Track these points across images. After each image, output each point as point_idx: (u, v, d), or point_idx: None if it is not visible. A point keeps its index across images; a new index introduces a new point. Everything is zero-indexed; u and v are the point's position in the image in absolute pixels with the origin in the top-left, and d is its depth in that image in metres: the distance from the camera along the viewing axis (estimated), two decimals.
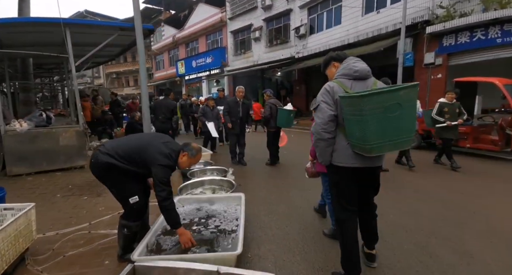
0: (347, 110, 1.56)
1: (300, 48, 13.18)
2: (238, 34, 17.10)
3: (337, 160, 1.69)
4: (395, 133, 1.46)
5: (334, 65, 1.90)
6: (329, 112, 1.64)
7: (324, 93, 1.70)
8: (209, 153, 5.17)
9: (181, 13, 22.18)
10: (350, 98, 1.51)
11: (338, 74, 1.75)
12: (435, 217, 2.83)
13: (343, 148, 1.66)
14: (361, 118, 1.45)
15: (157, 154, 1.86)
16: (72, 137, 4.36)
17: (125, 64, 31.28)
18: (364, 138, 1.47)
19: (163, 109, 4.56)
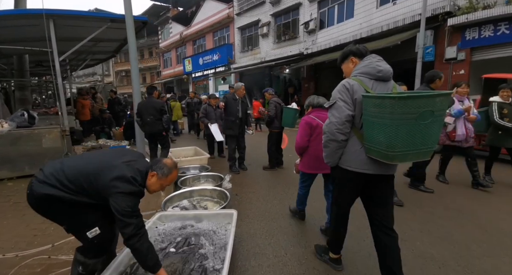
0: (372, 112, 1.40)
1: (309, 44, 12.57)
2: (246, 31, 16.65)
3: (347, 164, 1.59)
4: (422, 142, 1.34)
5: (352, 61, 1.71)
6: (347, 112, 1.51)
7: (342, 90, 1.54)
8: (206, 156, 4.73)
9: (188, 9, 21.90)
10: (380, 99, 1.34)
11: (358, 71, 1.59)
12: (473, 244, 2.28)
13: (356, 151, 1.55)
14: (390, 122, 1.31)
15: (115, 179, 1.40)
16: (57, 138, 4.02)
17: None
18: (390, 144, 1.35)
19: (150, 110, 4.08)
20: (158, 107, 4.10)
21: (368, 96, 1.42)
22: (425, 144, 1.35)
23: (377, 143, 1.41)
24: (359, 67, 1.60)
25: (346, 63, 1.75)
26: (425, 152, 1.38)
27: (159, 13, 26.26)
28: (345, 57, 1.75)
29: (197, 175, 3.79)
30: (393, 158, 1.37)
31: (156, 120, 4.10)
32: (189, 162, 4.50)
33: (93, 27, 4.33)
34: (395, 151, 1.35)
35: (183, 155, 5.42)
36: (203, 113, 5.66)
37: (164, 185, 1.65)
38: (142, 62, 30.23)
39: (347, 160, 1.58)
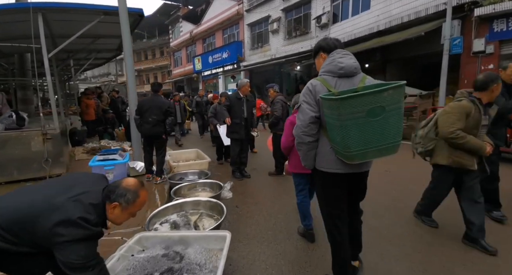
0: (327, 113, 1.40)
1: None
2: (255, 27, 16.21)
3: (321, 165, 1.58)
4: (380, 139, 1.30)
5: (322, 57, 1.67)
6: (310, 114, 1.50)
7: (306, 92, 1.54)
8: (206, 160, 4.34)
9: (198, 7, 21.70)
10: (328, 101, 1.34)
11: (322, 70, 1.56)
12: None
13: (326, 152, 1.53)
14: (340, 123, 1.30)
15: (57, 225, 1.06)
16: (48, 142, 3.75)
17: (145, 62, 31.72)
18: (345, 145, 1.34)
19: (154, 110, 3.57)
20: (164, 108, 3.65)
21: (322, 98, 1.39)
22: (385, 139, 1.31)
23: (336, 144, 1.41)
24: (324, 65, 1.56)
25: (318, 59, 1.71)
26: (386, 147, 1.33)
27: (170, 12, 26.26)
28: (315, 53, 1.72)
29: (193, 183, 3.40)
30: (352, 157, 1.36)
31: (158, 122, 3.65)
32: (187, 167, 4.13)
33: (86, 21, 4.02)
34: (351, 151, 1.32)
35: (183, 158, 5.07)
36: (212, 113, 5.20)
37: (134, 212, 1.31)
38: (154, 61, 30.48)
39: (320, 161, 1.57)
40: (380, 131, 1.28)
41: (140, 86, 32.86)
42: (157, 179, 3.78)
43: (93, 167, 3.36)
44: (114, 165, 3.41)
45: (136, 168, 3.96)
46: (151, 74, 32.19)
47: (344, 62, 1.48)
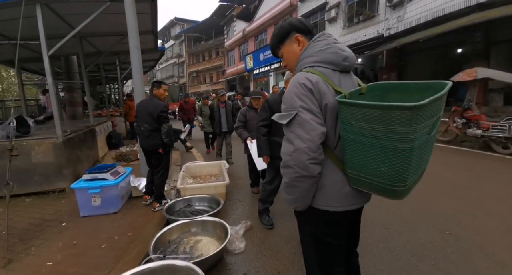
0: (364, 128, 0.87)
1: (393, 22, 9.61)
2: (310, 18, 14.62)
3: (325, 202, 1.04)
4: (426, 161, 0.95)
5: (298, 40, 1.12)
6: (320, 129, 0.95)
7: (303, 93, 0.96)
8: (224, 183, 3.28)
9: (251, 5, 21.25)
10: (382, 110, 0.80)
11: (314, 59, 1.03)
12: None
13: (336, 183, 1.02)
14: (402, 145, 0.81)
15: None
16: (48, 152, 3.33)
17: (202, 63, 33.16)
18: (400, 177, 0.85)
19: (145, 116, 2.86)
20: (156, 113, 2.83)
21: (355, 104, 0.86)
22: (427, 161, 0.97)
23: (376, 175, 0.90)
24: (313, 52, 1.04)
25: (289, 45, 1.14)
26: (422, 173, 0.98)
27: (225, 13, 26.63)
28: (283, 36, 1.14)
29: (191, 221, 2.38)
30: (403, 193, 0.90)
31: (150, 132, 2.88)
32: (198, 190, 3.16)
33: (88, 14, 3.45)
34: (406, 183, 0.86)
35: (204, 173, 4.16)
36: (241, 121, 3.60)
37: None
38: (209, 62, 31.60)
39: (325, 196, 1.03)
40: (429, 150, 0.92)
41: (197, 86, 34.69)
42: (155, 205, 2.94)
43: (75, 189, 2.70)
44: (101, 187, 2.68)
45: (139, 188, 3.21)
46: (207, 75, 33.51)
47: (346, 50, 1.04)
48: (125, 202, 3.10)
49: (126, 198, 3.18)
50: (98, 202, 2.72)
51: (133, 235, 2.38)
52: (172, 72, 39.63)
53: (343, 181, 1.02)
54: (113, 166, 2.99)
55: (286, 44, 1.15)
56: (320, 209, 1.05)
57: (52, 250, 2.31)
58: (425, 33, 7.82)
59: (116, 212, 2.83)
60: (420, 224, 2.58)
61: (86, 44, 5.33)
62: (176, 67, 38.12)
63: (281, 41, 1.16)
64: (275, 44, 1.18)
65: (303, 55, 1.07)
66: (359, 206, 1.08)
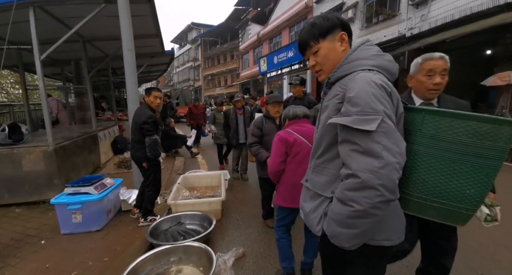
0: (459, 143, 0.78)
1: (417, 22, 8.95)
2: None
3: (385, 236, 0.86)
4: None
5: (343, 38, 0.95)
6: (404, 141, 0.79)
7: (383, 95, 0.79)
8: (218, 199, 2.96)
9: (266, 7, 21.10)
10: (488, 124, 0.74)
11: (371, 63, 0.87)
12: None
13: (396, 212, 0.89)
14: (498, 164, 0.77)
15: None
16: (39, 160, 3.19)
17: (218, 66, 33.43)
18: (481, 200, 0.81)
19: (132, 126, 2.70)
20: (139, 123, 2.60)
21: (456, 115, 0.77)
22: None
23: (455, 198, 0.81)
24: (367, 55, 0.88)
25: (331, 41, 0.95)
26: None
27: (240, 17, 26.70)
28: (329, 29, 0.94)
29: (173, 246, 2.08)
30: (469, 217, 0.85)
31: (135, 143, 2.67)
32: (190, 207, 2.87)
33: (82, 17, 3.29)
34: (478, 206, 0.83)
35: (203, 184, 3.87)
36: (256, 135, 2.67)
37: None
38: (224, 65, 31.78)
39: (388, 228, 0.86)
40: None
41: (212, 89, 34.95)
42: (140, 219, 2.70)
43: (55, 204, 2.49)
44: (82, 203, 2.46)
45: (129, 201, 2.97)
46: (222, 78, 33.70)
47: (393, 61, 0.91)
48: (112, 217, 2.87)
49: (114, 211, 2.95)
50: (79, 218, 2.50)
51: (109, 261, 2.11)
52: (188, 76, 40.31)
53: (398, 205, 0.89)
54: (99, 178, 2.77)
55: (328, 39, 0.95)
56: (373, 245, 0.86)
57: (24, 272, 2.10)
58: (452, 32, 7.15)
59: (99, 230, 2.60)
60: None
61: (92, 49, 5.28)
62: (192, 70, 38.74)
63: (323, 35, 0.95)
64: (312, 36, 0.95)
65: (353, 56, 0.90)
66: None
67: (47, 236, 2.63)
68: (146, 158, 2.63)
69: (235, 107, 4.34)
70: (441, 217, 0.86)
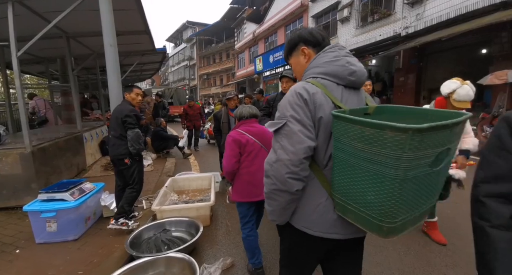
0: (355, 147, 0.78)
1: (412, 21, 8.88)
2: (321, 18, 14.14)
3: (304, 224, 0.98)
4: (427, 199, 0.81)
5: (304, 52, 1.07)
6: (307, 143, 0.88)
7: (297, 103, 0.91)
8: (207, 204, 2.80)
9: (262, 6, 20.94)
10: (374, 129, 0.71)
11: (319, 70, 0.97)
12: None
13: (319, 206, 0.95)
14: (395, 173, 0.70)
15: None
16: (16, 163, 2.98)
17: (213, 65, 33.15)
18: (389, 211, 0.74)
19: (112, 122, 2.59)
20: (120, 117, 2.51)
21: (348, 120, 0.78)
22: (433, 198, 0.83)
23: (362, 203, 0.81)
24: (320, 63, 0.98)
25: (296, 57, 1.10)
26: (425, 211, 0.84)
27: (235, 15, 26.49)
28: (292, 47, 1.10)
29: (153, 259, 1.91)
30: (390, 231, 0.77)
31: (115, 139, 2.56)
32: (177, 212, 2.69)
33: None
34: (395, 221, 0.75)
35: (193, 187, 3.70)
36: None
37: None
38: (220, 64, 31.52)
39: (305, 218, 0.97)
40: (434, 187, 0.80)
41: (208, 88, 34.67)
42: (111, 220, 2.53)
43: (28, 212, 2.30)
44: (57, 210, 2.27)
45: (110, 207, 2.79)
46: (217, 77, 33.43)
47: (355, 63, 0.95)
48: (91, 224, 2.68)
49: (95, 219, 2.76)
50: (54, 227, 2.31)
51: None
52: (184, 75, 39.93)
53: (327, 205, 0.94)
54: (77, 183, 2.58)
55: (294, 55, 1.11)
56: (298, 228, 0.99)
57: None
58: (448, 31, 7.08)
59: (76, 239, 2.41)
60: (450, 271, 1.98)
61: (77, 45, 5.05)
62: (187, 70, 38.37)
63: (289, 53, 1.13)
64: (285, 55, 1.17)
65: (310, 65, 1.02)
66: (344, 237, 0.96)
67: (23, 244, 2.43)
68: (129, 154, 2.52)
69: (227, 108, 3.71)
70: (359, 222, 0.85)
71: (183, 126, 6.97)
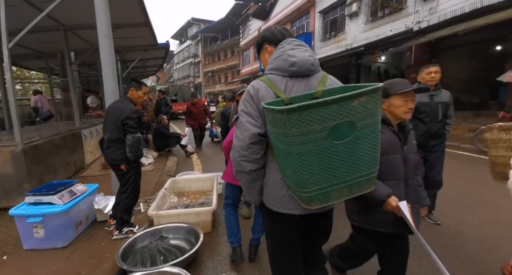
0: (272, 131, 0.95)
1: (424, 15, 8.50)
2: (329, 14, 13.73)
3: (269, 201, 1.13)
4: (350, 170, 0.88)
5: (268, 51, 1.25)
6: (252, 130, 1.04)
7: (246, 99, 1.10)
8: (208, 209, 2.58)
9: (267, 2, 20.57)
10: (271, 112, 0.88)
11: (269, 67, 1.14)
12: None
13: (275, 184, 1.09)
14: (288, 148, 0.84)
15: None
16: (7, 162, 2.80)
17: (218, 63, 32.92)
18: (299, 181, 0.88)
19: (109, 122, 2.29)
20: (120, 119, 2.23)
21: (265, 108, 0.95)
22: (357, 170, 0.89)
23: (287, 177, 0.97)
24: (271, 60, 1.13)
25: (262, 55, 1.29)
26: (359, 182, 0.91)
27: (241, 12, 26.17)
28: (259, 47, 1.29)
29: (147, 274, 1.69)
30: (310, 200, 0.91)
31: (112, 143, 2.29)
32: (175, 218, 2.48)
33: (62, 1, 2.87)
34: (308, 190, 0.88)
35: (194, 188, 3.49)
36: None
37: None
38: (225, 62, 31.26)
39: (269, 196, 1.12)
40: (349, 159, 0.86)
41: (213, 86, 34.45)
42: (114, 232, 2.34)
43: (14, 216, 2.11)
44: (43, 215, 2.08)
45: (104, 211, 2.59)
46: (222, 74, 33.20)
47: (296, 55, 1.07)
48: (83, 229, 2.48)
49: (87, 223, 2.56)
50: (41, 233, 2.11)
51: None
52: (188, 72, 39.76)
53: (282, 183, 1.06)
54: (67, 185, 2.38)
55: (261, 54, 1.29)
56: (267, 207, 1.13)
57: None
58: (464, 25, 6.70)
59: (65, 246, 2.21)
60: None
61: (76, 39, 4.87)
62: (192, 67, 38.20)
63: (258, 52, 1.31)
64: (257, 55, 1.33)
65: (268, 62, 1.15)
66: (302, 213, 1.06)
67: (11, 250, 2.25)
68: (126, 159, 2.26)
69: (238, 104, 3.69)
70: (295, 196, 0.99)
71: (187, 125, 6.64)
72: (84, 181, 3.96)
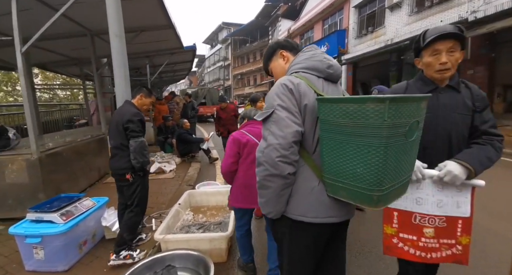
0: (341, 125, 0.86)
1: (480, 4, 7.26)
2: (366, 8, 12.72)
3: (299, 212, 1.01)
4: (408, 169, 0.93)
5: (283, 55, 1.21)
6: (295, 127, 0.95)
7: (283, 93, 0.98)
8: (223, 235, 2.19)
9: (297, 1, 19.98)
10: (356, 104, 0.81)
11: (300, 66, 1.07)
12: None
13: (310, 191, 0.99)
14: (378, 142, 0.79)
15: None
16: (22, 171, 2.74)
17: (247, 65, 33.02)
18: (378, 179, 0.82)
19: (112, 129, 2.12)
20: (121, 124, 2.04)
21: (332, 100, 0.88)
22: (410, 171, 0.95)
23: (352, 177, 0.87)
24: (300, 60, 1.09)
25: (275, 61, 1.23)
26: (406, 182, 0.96)
27: (270, 13, 25.89)
28: (271, 54, 1.24)
29: None
30: (379, 199, 0.85)
31: (116, 150, 2.09)
32: (185, 244, 2.14)
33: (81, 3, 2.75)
34: (384, 187, 0.83)
35: (213, 203, 3.15)
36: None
37: None
38: (254, 64, 31.23)
39: (299, 204, 1.00)
40: (409, 159, 0.91)
41: (242, 88, 34.63)
42: (111, 256, 2.05)
43: (15, 235, 1.94)
44: (42, 236, 1.88)
45: (113, 228, 2.35)
46: (251, 76, 33.20)
47: (332, 59, 1.09)
48: (89, 249, 2.26)
49: (94, 242, 2.34)
50: (41, 254, 1.92)
51: None
52: (218, 75, 40.59)
53: (320, 189, 0.99)
54: (72, 200, 2.18)
55: (273, 60, 1.23)
56: (294, 219, 1.01)
57: None
58: None
59: (66, 270, 1.99)
60: None
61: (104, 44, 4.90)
62: (222, 70, 38.92)
63: (269, 59, 1.25)
64: (265, 62, 1.27)
65: (291, 64, 1.12)
66: (339, 220, 1.02)
67: (13, 269, 2.12)
68: (131, 168, 2.04)
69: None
70: (350, 198, 0.90)
71: (217, 134, 5.59)
72: (106, 187, 3.89)
